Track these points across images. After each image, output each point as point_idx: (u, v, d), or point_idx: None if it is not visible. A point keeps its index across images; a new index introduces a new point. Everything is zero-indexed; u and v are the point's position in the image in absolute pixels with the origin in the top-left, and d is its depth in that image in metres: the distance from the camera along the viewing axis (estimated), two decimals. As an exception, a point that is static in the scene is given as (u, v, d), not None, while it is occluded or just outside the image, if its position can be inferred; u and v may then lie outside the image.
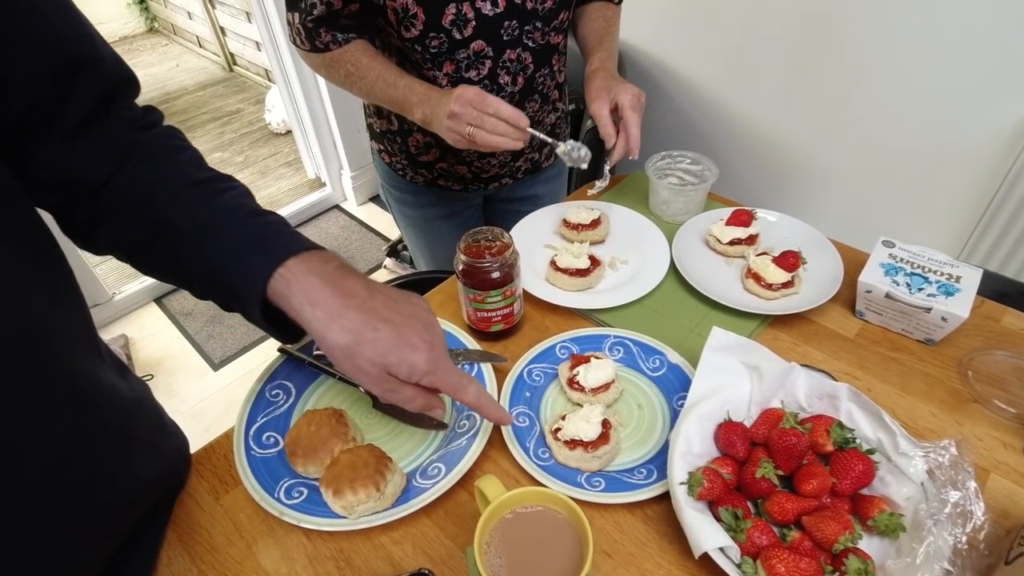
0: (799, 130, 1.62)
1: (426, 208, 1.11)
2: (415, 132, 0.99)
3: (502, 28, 0.85)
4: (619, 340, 0.74)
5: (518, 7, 0.84)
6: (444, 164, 1.02)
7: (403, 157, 1.04)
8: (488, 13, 0.83)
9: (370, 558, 0.57)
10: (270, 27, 2.24)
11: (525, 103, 0.94)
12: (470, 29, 0.83)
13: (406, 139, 1.01)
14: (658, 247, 0.87)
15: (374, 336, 0.48)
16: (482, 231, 0.72)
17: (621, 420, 0.67)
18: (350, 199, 2.69)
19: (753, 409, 0.62)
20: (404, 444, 0.65)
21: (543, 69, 0.94)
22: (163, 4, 4.19)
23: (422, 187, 1.07)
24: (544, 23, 0.88)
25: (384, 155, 1.08)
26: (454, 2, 0.81)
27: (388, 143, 1.05)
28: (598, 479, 0.61)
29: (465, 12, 0.82)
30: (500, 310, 0.73)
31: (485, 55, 0.87)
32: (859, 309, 0.76)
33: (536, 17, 0.86)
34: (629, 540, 0.57)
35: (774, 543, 0.52)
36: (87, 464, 0.47)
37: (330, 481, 0.58)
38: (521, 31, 0.87)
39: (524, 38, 0.88)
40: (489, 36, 0.85)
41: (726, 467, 0.58)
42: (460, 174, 1.03)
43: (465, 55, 0.86)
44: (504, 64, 0.88)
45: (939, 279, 0.72)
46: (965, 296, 0.69)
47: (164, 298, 2.28)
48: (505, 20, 0.84)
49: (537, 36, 0.89)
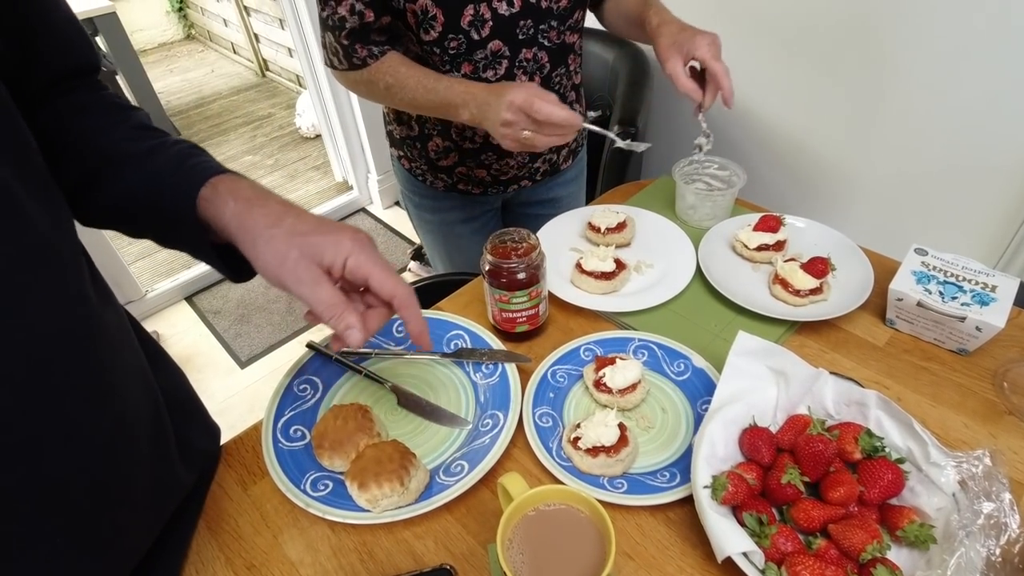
0: (831, 137, 1.60)
1: (445, 213, 1.12)
2: (434, 137, 1.00)
3: (518, 28, 0.86)
4: (644, 343, 0.74)
5: (533, 6, 0.85)
6: (463, 168, 1.03)
7: (423, 162, 1.05)
8: (504, 13, 0.84)
9: (392, 552, 0.58)
10: (303, 33, 2.29)
11: None
12: (487, 29, 0.84)
13: (425, 144, 1.02)
14: (684, 252, 0.86)
15: (296, 219, 0.50)
16: (509, 232, 0.73)
17: (646, 422, 0.67)
18: (376, 203, 2.73)
19: (779, 415, 0.61)
20: (428, 441, 0.66)
21: (559, 69, 0.94)
22: (200, 12, 4.31)
23: (442, 192, 1.08)
24: (559, 22, 0.89)
25: (404, 161, 1.09)
26: (472, 3, 0.82)
27: (408, 149, 1.06)
28: (620, 481, 0.60)
29: (482, 13, 0.83)
30: (525, 311, 0.73)
31: (502, 55, 0.88)
32: (889, 317, 0.75)
33: (551, 16, 0.87)
34: (651, 543, 0.57)
35: (799, 550, 0.51)
36: (133, 448, 0.49)
37: (355, 474, 0.59)
38: (536, 30, 0.87)
39: (540, 37, 0.88)
40: (506, 36, 0.86)
41: (751, 472, 0.57)
42: (479, 177, 1.04)
43: (483, 55, 0.87)
44: (520, 64, 0.89)
45: (974, 288, 0.70)
46: (1001, 306, 0.68)
47: (195, 296, 2.34)
48: (520, 19, 0.85)
49: (553, 35, 0.89)
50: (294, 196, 2.83)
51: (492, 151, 1.00)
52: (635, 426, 0.66)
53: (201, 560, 0.59)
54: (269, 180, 2.98)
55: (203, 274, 2.36)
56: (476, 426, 0.67)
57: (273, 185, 2.94)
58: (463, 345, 0.75)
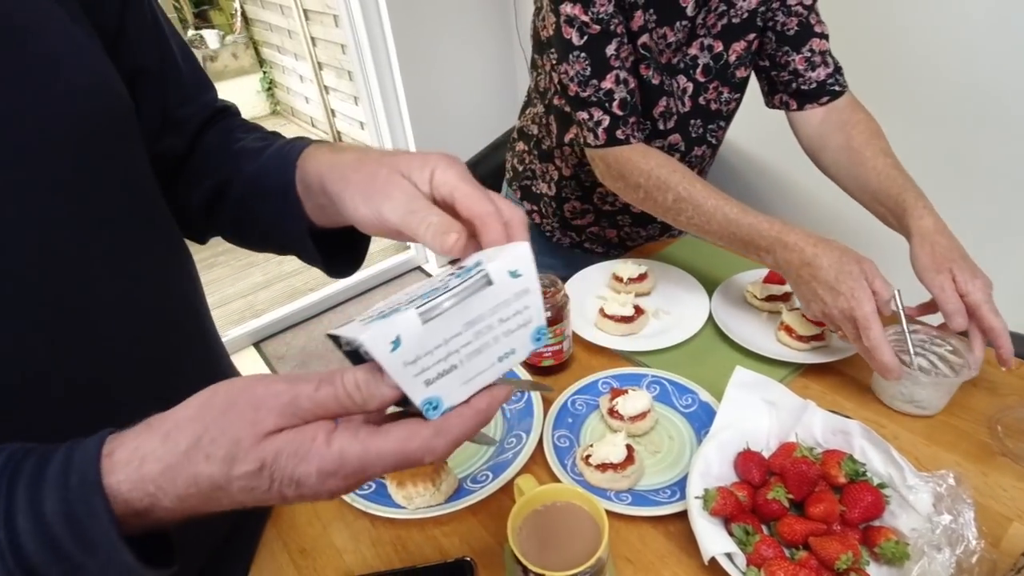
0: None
1: (546, 269, 1.17)
2: (572, 200, 1.08)
3: (690, 126, 0.92)
4: (656, 379, 0.82)
5: (702, 108, 0.91)
6: (596, 228, 1.10)
7: (555, 220, 1.14)
8: (682, 111, 0.90)
9: (422, 545, 0.67)
10: (373, 109, 2.56)
11: None
12: (671, 123, 0.91)
13: (561, 205, 1.09)
14: (698, 300, 0.95)
15: (384, 150, 0.50)
16: (539, 278, 0.84)
17: (654, 447, 0.74)
18: (431, 261, 2.91)
19: (772, 441, 0.68)
20: (458, 455, 0.76)
21: (711, 160, 1.03)
22: (286, 91, 4.81)
23: (564, 247, 1.16)
24: (726, 122, 0.95)
25: (535, 216, 1.17)
26: (666, 96, 0.88)
27: (543, 206, 1.14)
28: (626, 494, 0.68)
29: (671, 107, 0.89)
30: (550, 347, 0.83)
31: (677, 148, 0.94)
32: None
33: (720, 117, 0.93)
34: (650, 551, 0.64)
35: (780, 556, 0.57)
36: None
37: (395, 475, 0.69)
38: (706, 130, 0.93)
39: (708, 136, 0.95)
40: (683, 132, 0.93)
41: (742, 491, 0.63)
42: (608, 238, 1.11)
43: (660, 145, 0.92)
44: (689, 158, 0.96)
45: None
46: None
47: (262, 343, 2.54)
48: (691, 119, 0.91)
49: (720, 135, 0.96)
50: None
51: (628, 215, 1.07)
52: (643, 450, 0.74)
53: (263, 542, 0.69)
54: (335, 239, 3.23)
55: (270, 323, 2.57)
56: (502, 444, 0.76)
57: (338, 244, 3.19)
58: (494, 375, 0.85)
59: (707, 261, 1.05)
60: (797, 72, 0.91)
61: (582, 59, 0.85)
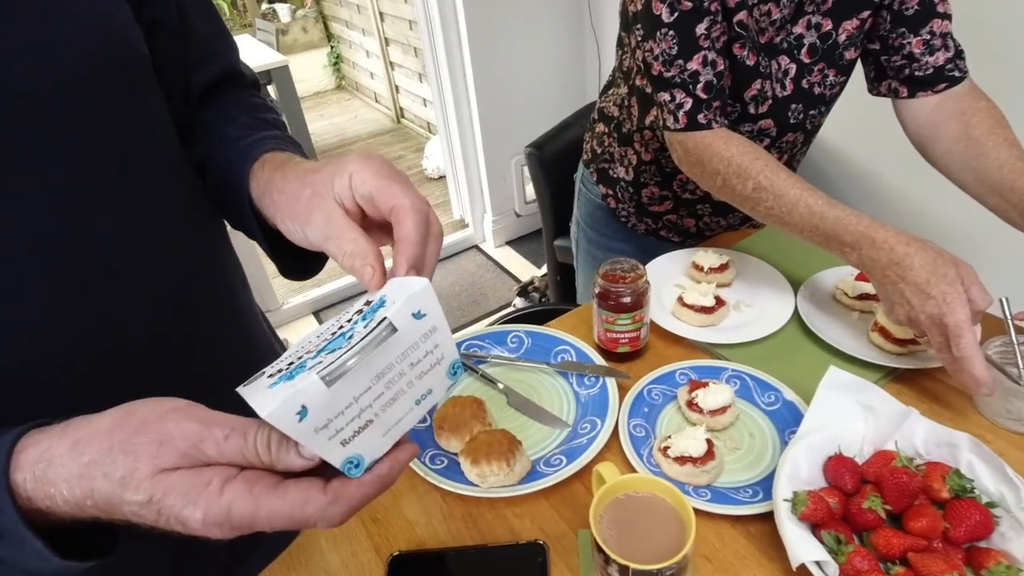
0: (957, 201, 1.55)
1: (621, 255, 1.15)
2: (650, 186, 1.05)
3: (790, 111, 0.88)
4: (736, 373, 0.79)
5: (805, 91, 0.86)
6: (674, 216, 1.07)
7: (631, 205, 1.11)
8: (779, 95, 0.86)
9: (493, 524, 0.67)
10: (440, 86, 2.55)
11: None
12: (765, 107, 0.87)
13: (639, 191, 1.07)
14: (782, 295, 0.90)
15: (316, 163, 0.49)
16: (619, 261, 0.81)
17: (734, 444, 0.71)
18: (488, 241, 2.91)
19: (866, 447, 0.64)
20: (531, 437, 0.75)
21: (804, 148, 0.98)
22: (352, 66, 4.87)
23: (639, 234, 1.13)
24: (827, 107, 0.90)
25: (611, 200, 1.15)
26: (760, 78, 0.84)
27: (620, 191, 1.11)
28: (705, 490, 0.66)
29: (766, 90, 0.85)
30: (628, 333, 0.81)
31: (767, 134, 0.90)
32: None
33: (822, 102, 0.88)
34: (729, 550, 0.62)
35: (875, 568, 0.54)
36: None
37: (469, 452, 0.68)
38: (806, 115, 0.89)
39: (806, 122, 0.90)
40: (778, 117, 0.88)
41: (833, 497, 0.60)
42: (686, 227, 1.08)
43: (749, 129, 0.89)
44: (779, 145, 0.91)
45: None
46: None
47: (320, 311, 2.60)
48: (792, 103, 0.87)
49: (818, 120, 0.91)
50: (415, 230, 3.09)
51: (709, 204, 1.04)
52: (723, 446, 0.71)
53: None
54: (395, 215, 3.27)
55: (330, 293, 2.63)
56: (575, 429, 0.75)
57: (398, 219, 3.23)
58: (568, 358, 0.83)
59: (791, 255, 1.00)
60: (912, 57, 0.84)
61: (670, 37, 0.81)
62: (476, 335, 0.89)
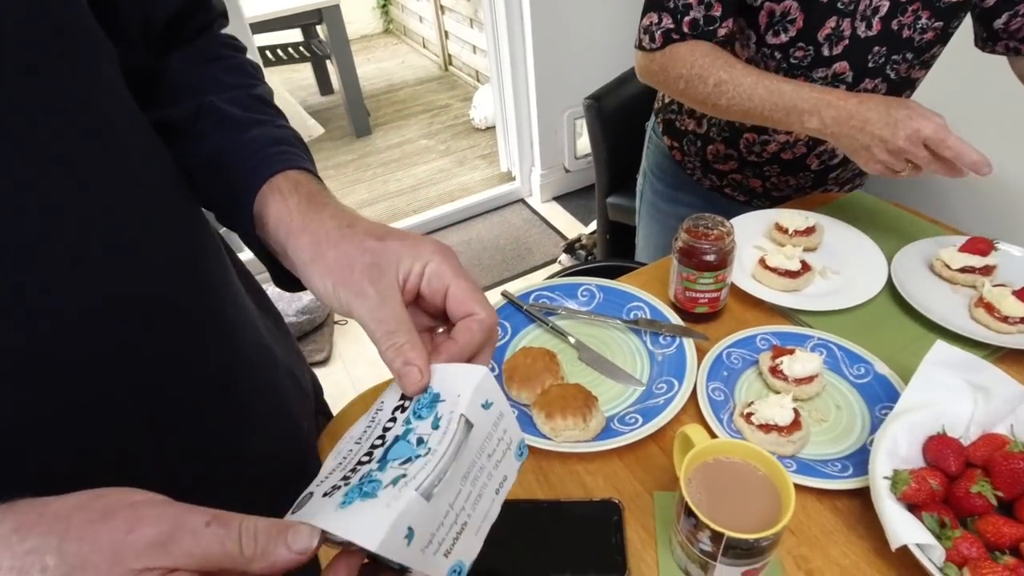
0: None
1: (686, 208, 1.09)
2: (716, 142, 1.00)
3: (870, 53, 0.82)
4: (823, 342, 0.74)
5: (893, 33, 0.80)
6: (739, 176, 1.03)
7: (697, 159, 1.06)
8: (861, 35, 0.80)
9: (565, 479, 0.65)
10: (496, 34, 2.46)
11: None
12: (840, 47, 0.81)
13: (705, 146, 1.02)
14: (875, 263, 0.85)
15: (371, 223, 0.42)
16: (704, 217, 0.77)
17: (820, 415, 0.68)
18: (535, 195, 2.85)
19: (973, 429, 0.60)
20: (604, 393, 0.72)
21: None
22: (400, 9, 4.75)
23: (704, 190, 1.08)
24: (915, 55, 0.84)
25: (676, 152, 1.10)
26: (836, 15, 0.78)
27: (687, 144, 1.06)
28: (789, 461, 0.63)
29: (843, 29, 0.80)
30: (708, 292, 0.77)
31: (843, 79, 0.84)
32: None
33: (909, 47, 0.82)
34: (815, 524, 0.59)
35: (985, 556, 0.50)
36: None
37: (543, 405, 0.66)
38: (888, 60, 0.83)
39: (888, 68, 0.84)
40: (855, 60, 0.82)
41: (934, 478, 0.57)
42: (752, 187, 1.04)
43: (823, 75, 0.84)
44: (857, 92, 0.84)
45: None
46: None
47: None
48: (875, 45, 0.81)
49: (902, 68, 0.85)
50: (458, 181, 3.05)
51: (777, 164, 0.98)
52: (808, 416, 0.67)
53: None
54: (440, 164, 3.23)
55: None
56: (650, 388, 0.72)
57: (441, 169, 3.18)
58: (642, 316, 0.80)
59: (882, 220, 0.94)
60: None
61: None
62: (544, 285, 0.86)
